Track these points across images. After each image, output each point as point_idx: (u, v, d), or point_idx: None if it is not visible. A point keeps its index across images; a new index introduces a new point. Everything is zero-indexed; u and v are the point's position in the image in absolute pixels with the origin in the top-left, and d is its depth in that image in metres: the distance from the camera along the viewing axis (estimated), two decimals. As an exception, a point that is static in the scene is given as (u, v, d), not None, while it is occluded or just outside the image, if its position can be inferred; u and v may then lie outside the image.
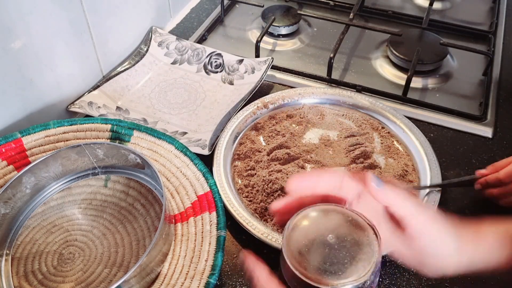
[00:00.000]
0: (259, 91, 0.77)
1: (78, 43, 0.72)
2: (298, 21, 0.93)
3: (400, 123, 0.71)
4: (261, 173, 0.65)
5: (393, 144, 0.70)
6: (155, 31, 0.87)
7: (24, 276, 0.54)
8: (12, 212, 0.57)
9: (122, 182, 0.63)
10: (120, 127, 0.64)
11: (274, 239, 0.56)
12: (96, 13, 0.73)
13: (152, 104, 0.77)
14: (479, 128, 0.73)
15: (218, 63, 0.83)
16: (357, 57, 0.89)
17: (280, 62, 0.86)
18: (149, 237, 0.57)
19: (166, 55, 0.85)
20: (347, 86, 0.81)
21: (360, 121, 0.73)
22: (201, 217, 0.56)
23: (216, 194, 0.57)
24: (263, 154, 0.68)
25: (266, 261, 0.59)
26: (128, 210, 0.61)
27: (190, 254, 0.53)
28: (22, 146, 0.61)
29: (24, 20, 0.61)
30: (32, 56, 0.64)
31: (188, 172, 0.60)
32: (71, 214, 0.61)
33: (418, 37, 0.89)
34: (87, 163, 0.61)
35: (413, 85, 0.79)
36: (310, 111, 0.75)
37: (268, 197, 0.62)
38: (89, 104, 0.73)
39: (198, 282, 0.50)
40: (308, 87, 0.77)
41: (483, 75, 0.84)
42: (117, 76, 0.80)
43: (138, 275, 0.48)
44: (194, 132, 0.72)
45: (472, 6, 1.02)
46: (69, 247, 0.57)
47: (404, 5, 1.03)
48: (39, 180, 0.59)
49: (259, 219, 0.60)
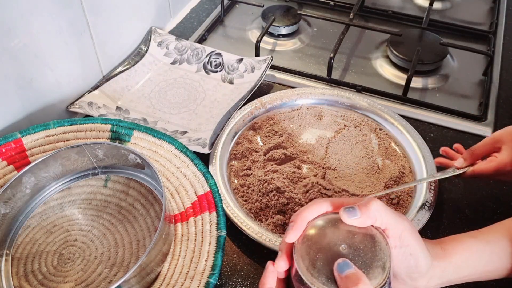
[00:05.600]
0: (258, 90, 0.77)
1: (78, 43, 0.72)
2: (298, 21, 0.93)
3: (397, 125, 0.71)
4: (257, 173, 0.65)
5: (391, 146, 0.70)
6: (154, 31, 0.87)
7: (24, 276, 0.54)
8: (12, 212, 0.57)
9: (122, 182, 0.63)
10: (120, 127, 0.64)
11: (268, 239, 0.56)
12: (96, 13, 0.73)
13: (152, 103, 0.78)
14: (479, 128, 0.73)
15: (218, 63, 0.83)
16: (357, 57, 0.89)
17: (280, 62, 0.86)
18: (149, 237, 0.57)
19: (166, 55, 0.85)
20: (347, 86, 0.81)
21: (358, 122, 0.73)
22: (201, 217, 0.56)
23: (216, 194, 0.57)
24: (260, 154, 0.68)
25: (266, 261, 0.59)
26: (128, 210, 0.61)
27: (190, 254, 0.53)
28: (22, 146, 0.61)
29: (24, 20, 0.61)
30: (32, 56, 0.64)
31: (188, 172, 0.60)
32: (71, 214, 0.61)
33: (418, 37, 0.89)
34: (87, 163, 0.61)
35: (413, 85, 0.79)
36: (308, 112, 0.75)
37: (263, 197, 0.62)
38: (89, 104, 0.73)
39: (198, 282, 0.50)
40: (306, 88, 0.77)
41: (483, 75, 0.84)
42: (117, 76, 0.80)
43: (138, 275, 0.48)
44: (194, 131, 0.72)
45: (472, 6, 1.02)
46: (69, 247, 0.57)
47: (404, 5, 1.03)
48: (39, 180, 0.59)
49: (254, 218, 0.60)
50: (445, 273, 0.44)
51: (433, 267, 0.42)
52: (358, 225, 0.39)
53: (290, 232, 0.40)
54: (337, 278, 0.36)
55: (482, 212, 0.63)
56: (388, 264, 0.37)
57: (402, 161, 0.67)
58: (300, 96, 0.76)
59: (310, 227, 0.40)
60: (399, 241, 0.40)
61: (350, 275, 0.36)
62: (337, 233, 0.39)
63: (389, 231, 0.40)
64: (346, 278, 0.36)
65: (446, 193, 0.65)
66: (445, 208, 0.63)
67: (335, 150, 0.69)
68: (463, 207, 0.63)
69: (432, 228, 0.60)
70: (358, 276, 0.35)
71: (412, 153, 0.67)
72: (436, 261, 0.43)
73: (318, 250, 0.38)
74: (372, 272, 0.37)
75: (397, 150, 0.69)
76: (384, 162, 0.68)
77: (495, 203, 0.63)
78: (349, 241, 0.38)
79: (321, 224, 0.40)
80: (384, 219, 0.39)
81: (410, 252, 0.40)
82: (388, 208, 0.40)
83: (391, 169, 0.66)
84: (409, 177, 0.65)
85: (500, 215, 0.62)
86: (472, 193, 0.65)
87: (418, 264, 0.41)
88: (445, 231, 0.60)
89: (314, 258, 0.38)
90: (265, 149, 0.69)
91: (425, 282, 0.43)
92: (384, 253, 0.38)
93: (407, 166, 0.67)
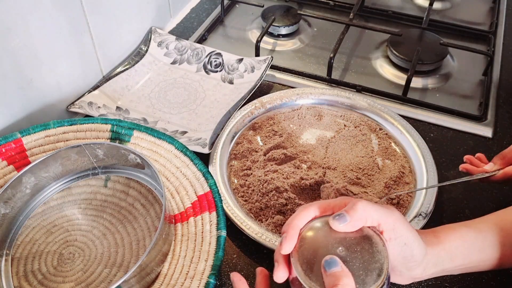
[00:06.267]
0: (259, 91, 0.77)
1: (78, 43, 0.72)
2: (298, 21, 0.93)
3: (397, 125, 0.71)
4: (257, 173, 0.65)
5: (391, 146, 0.70)
6: (154, 31, 0.87)
7: (24, 276, 0.54)
8: (12, 212, 0.57)
9: (122, 182, 0.63)
10: (120, 127, 0.64)
11: (268, 239, 0.56)
12: (96, 13, 0.73)
13: (152, 103, 0.78)
14: (479, 128, 0.73)
15: (218, 63, 0.83)
16: (357, 57, 0.89)
17: (280, 62, 0.86)
18: (149, 237, 0.57)
19: (166, 55, 0.85)
20: (347, 86, 0.81)
21: (358, 122, 0.73)
22: (201, 217, 0.56)
23: (216, 194, 0.57)
24: (260, 154, 0.68)
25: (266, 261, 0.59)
26: (128, 210, 0.61)
27: (190, 254, 0.53)
28: (22, 146, 0.61)
29: (24, 20, 0.61)
30: (32, 56, 0.64)
31: (188, 172, 0.60)
32: (71, 214, 0.61)
33: (418, 37, 0.89)
34: (87, 163, 0.61)
35: (413, 85, 0.79)
36: (308, 112, 0.75)
37: (263, 197, 0.62)
38: (89, 104, 0.73)
39: (198, 282, 0.50)
40: (306, 88, 0.77)
41: (483, 75, 0.84)
42: (117, 76, 0.80)
43: (138, 275, 0.48)
44: (194, 131, 0.72)
45: (472, 6, 1.02)
46: (69, 247, 0.57)
47: (404, 5, 1.03)
48: (39, 180, 0.59)
49: (253, 218, 0.60)
50: (439, 260, 0.44)
51: (427, 255, 0.43)
52: (350, 229, 0.40)
53: (284, 243, 0.40)
54: (323, 275, 0.37)
55: (482, 212, 0.62)
56: (386, 266, 0.37)
57: (402, 161, 0.67)
58: (300, 96, 0.76)
59: (304, 233, 0.40)
60: (393, 233, 0.40)
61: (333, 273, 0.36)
62: (332, 236, 0.39)
63: (382, 225, 0.40)
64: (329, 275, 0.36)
65: (446, 193, 0.65)
66: (445, 208, 0.63)
67: (335, 150, 0.69)
68: (463, 207, 0.63)
69: (432, 228, 0.60)
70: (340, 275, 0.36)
71: (412, 153, 0.67)
72: (430, 248, 0.43)
73: (315, 254, 0.38)
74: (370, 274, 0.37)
75: (397, 150, 0.69)
76: (384, 162, 0.68)
77: (495, 203, 0.63)
78: (345, 243, 0.38)
79: (315, 229, 0.40)
80: (374, 216, 0.40)
81: (405, 242, 0.41)
82: (374, 205, 0.40)
83: (391, 169, 0.66)
84: (409, 177, 0.65)
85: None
86: (472, 193, 0.65)
87: (413, 253, 0.41)
88: (445, 231, 0.60)
89: (312, 263, 0.38)
90: (265, 149, 0.69)
91: (421, 270, 0.43)
92: (381, 254, 0.38)
93: (407, 166, 0.67)
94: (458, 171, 0.67)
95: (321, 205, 0.42)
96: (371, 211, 0.40)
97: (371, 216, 0.40)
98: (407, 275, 0.43)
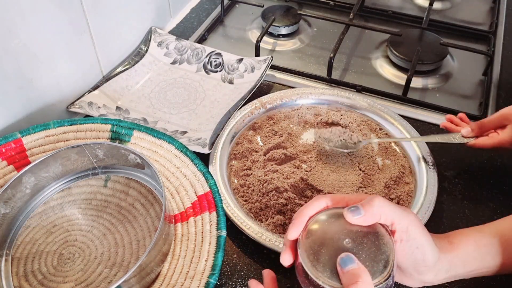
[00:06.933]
0: (258, 91, 0.77)
1: (78, 43, 0.72)
2: (298, 21, 0.93)
3: (397, 125, 0.71)
4: (257, 173, 0.65)
5: (391, 146, 0.70)
6: (154, 31, 0.87)
7: (24, 276, 0.54)
8: (12, 212, 0.57)
9: (122, 182, 0.63)
10: (120, 127, 0.64)
11: (268, 239, 0.56)
12: (96, 13, 0.73)
13: (152, 103, 0.78)
14: (479, 128, 0.73)
15: (218, 63, 0.83)
16: (357, 57, 0.89)
17: (280, 62, 0.86)
18: (149, 237, 0.57)
19: (166, 55, 0.85)
20: (347, 86, 0.81)
21: (358, 122, 0.73)
22: (201, 217, 0.56)
23: (216, 194, 0.57)
24: (260, 154, 0.68)
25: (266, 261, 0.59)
26: (128, 210, 0.61)
27: (190, 254, 0.53)
28: (22, 146, 0.61)
29: (24, 20, 0.61)
30: (32, 56, 0.64)
31: (188, 172, 0.60)
32: (71, 214, 0.61)
33: (418, 37, 0.89)
34: (87, 163, 0.61)
35: (413, 85, 0.79)
36: (308, 112, 0.75)
37: (263, 197, 0.62)
38: (89, 104, 0.73)
39: (198, 282, 0.50)
40: (306, 88, 0.77)
41: (483, 75, 0.84)
42: (117, 76, 0.80)
43: (138, 275, 0.48)
44: (194, 131, 0.72)
45: (472, 6, 1.02)
46: (69, 247, 0.57)
47: (404, 5, 1.03)
48: (39, 180, 0.59)
49: (254, 218, 0.60)
50: (452, 267, 0.43)
51: (440, 260, 0.42)
52: (363, 223, 0.39)
53: (291, 228, 0.40)
54: (340, 272, 0.36)
55: (482, 212, 0.63)
56: (392, 258, 0.37)
57: (402, 161, 0.67)
58: (300, 96, 0.76)
59: (313, 222, 0.40)
60: (405, 235, 0.40)
61: (351, 271, 0.36)
62: (341, 228, 0.39)
63: (395, 225, 0.40)
64: (347, 273, 0.36)
65: (446, 193, 0.65)
66: (445, 208, 0.63)
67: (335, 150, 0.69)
68: (463, 207, 0.63)
69: (432, 228, 0.60)
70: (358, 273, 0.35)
71: (412, 153, 0.67)
72: (443, 254, 0.43)
73: (322, 244, 0.38)
74: (376, 266, 0.36)
75: (397, 150, 0.69)
76: (384, 162, 0.68)
77: (495, 203, 0.63)
78: (353, 235, 0.38)
79: (324, 219, 0.40)
80: (388, 215, 0.39)
81: (417, 246, 0.40)
82: (391, 204, 0.40)
83: (391, 169, 0.66)
84: (409, 177, 0.65)
85: (500, 215, 0.62)
86: (472, 193, 0.65)
87: (425, 258, 0.41)
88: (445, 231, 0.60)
89: (318, 252, 0.38)
90: (265, 149, 0.69)
91: (432, 275, 0.43)
92: (387, 246, 0.38)
93: (407, 166, 0.67)
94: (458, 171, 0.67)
95: (334, 197, 0.42)
96: (386, 209, 0.39)
97: (385, 214, 0.39)
98: (418, 279, 0.43)
